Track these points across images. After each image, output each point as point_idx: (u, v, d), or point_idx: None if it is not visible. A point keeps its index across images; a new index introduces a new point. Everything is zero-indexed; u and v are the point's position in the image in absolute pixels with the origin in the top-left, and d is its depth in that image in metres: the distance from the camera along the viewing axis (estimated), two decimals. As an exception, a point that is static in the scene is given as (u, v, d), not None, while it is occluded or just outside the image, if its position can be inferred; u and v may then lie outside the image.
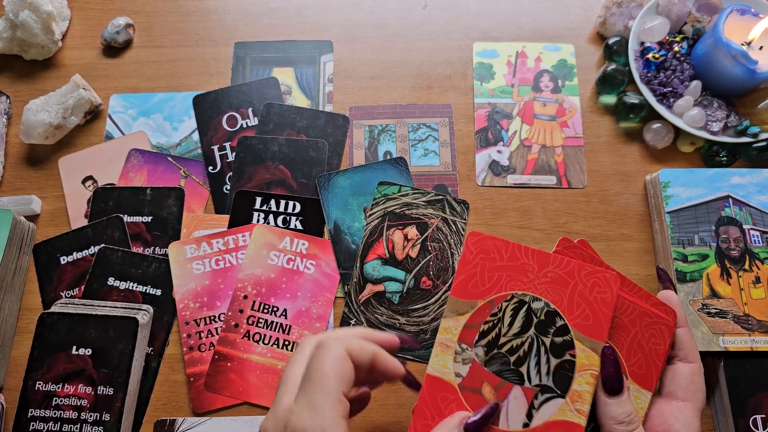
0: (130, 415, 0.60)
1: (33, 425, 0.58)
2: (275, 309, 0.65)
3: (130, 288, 0.66)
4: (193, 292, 0.66)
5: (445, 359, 0.49)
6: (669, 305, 0.49)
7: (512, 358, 0.47)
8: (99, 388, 0.59)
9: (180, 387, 0.64)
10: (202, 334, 0.64)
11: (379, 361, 0.44)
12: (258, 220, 0.69)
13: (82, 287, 0.66)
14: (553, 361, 0.46)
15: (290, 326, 0.65)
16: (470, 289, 0.50)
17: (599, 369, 0.46)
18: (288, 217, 0.69)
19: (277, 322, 0.65)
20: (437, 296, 0.66)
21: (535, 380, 0.46)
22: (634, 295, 0.50)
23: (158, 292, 0.66)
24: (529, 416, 0.45)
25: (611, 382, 0.45)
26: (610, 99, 0.75)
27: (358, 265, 0.67)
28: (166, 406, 0.63)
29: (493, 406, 0.45)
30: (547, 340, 0.47)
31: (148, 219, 0.69)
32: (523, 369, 0.46)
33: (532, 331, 0.47)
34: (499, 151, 0.73)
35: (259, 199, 0.69)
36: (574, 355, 0.46)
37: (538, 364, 0.47)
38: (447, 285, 0.66)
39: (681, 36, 0.74)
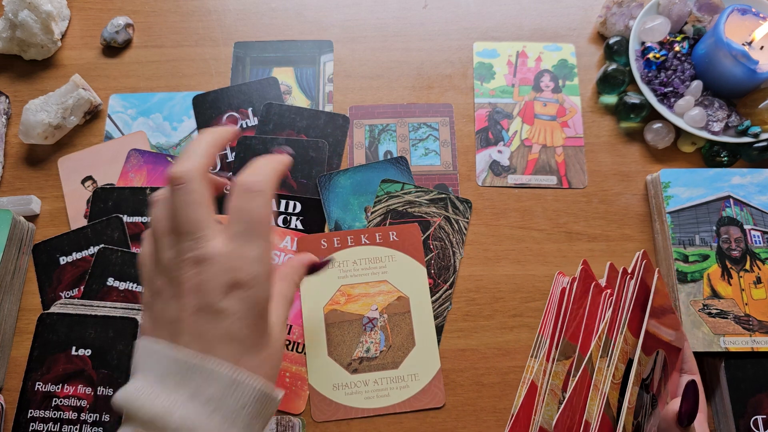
0: (129, 416, 0.60)
1: (33, 426, 0.58)
2: (276, 309, 0.65)
3: (130, 288, 0.66)
4: (193, 292, 0.66)
5: (552, 409, 0.47)
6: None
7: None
8: (99, 388, 0.59)
9: (180, 387, 0.63)
10: (203, 335, 0.64)
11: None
12: (258, 220, 0.69)
13: (82, 287, 0.66)
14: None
15: (291, 326, 0.64)
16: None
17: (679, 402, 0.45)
18: (288, 217, 0.69)
19: (277, 323, 0.65)
20: (437, 295, 0.66)
21: None
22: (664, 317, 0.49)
23: (158, 293, 0.66)
24: None
25: (689, 417, 0.45)
26: (610, 99, 0.75)
27: (358, 265, 0.68)
28: (166, 406, 0.63)
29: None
30: None
31: (148, 219, 0.69)
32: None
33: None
34: (499, 151, 0.73)
35: (259, 199, 0.69)
36: None
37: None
38: (448, 284, 0.66)
39: (682, 36, 0.74)
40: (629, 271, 0.50)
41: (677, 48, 0.72)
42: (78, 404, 0.58)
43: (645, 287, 0.49)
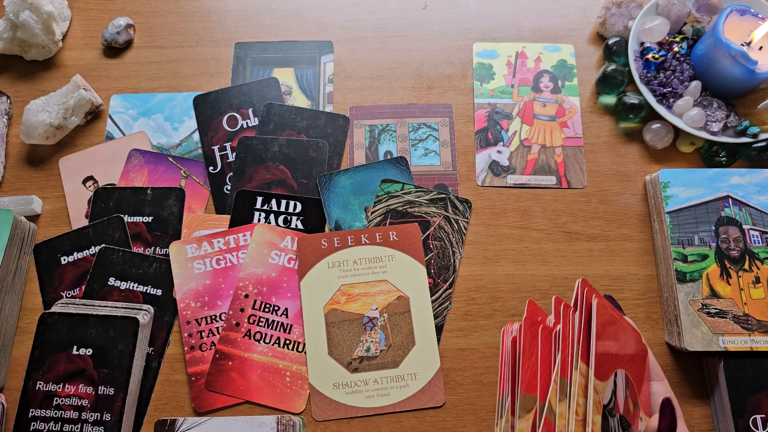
0: (130, 415, 0.60)
1: (34, 425, 0.58)
2: (276, 308, 0.65)
3: (131, 288, 0.66)
4: (194, 291, 0.66)
5: None
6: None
7: None
8: (100, 388, 0.59)
9: (181, 387, 0.64)
10: (203, 334, 0.64)
11: None
12: (259, 220, 0.69)
13: (83, 287, 0.66)
14: None
15: (291, 325, 0.65)
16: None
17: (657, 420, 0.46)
18: (289, 217, 0.69)
19: (278, 321, 0.65)
20: (437, 294, 0.66)
21: None
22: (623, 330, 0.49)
23: (159, 292, 0.66)
24: None
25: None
26: (609, 99, 0.76)
27: (358, 265, 0.68)
28: (166, 406, 0.63)
29: None
30: None
31: (149, 219, 0.69)
32: None
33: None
34: (499, 152, 0.73)
35: (260, 199, 0.70)
36: None
37: None
38: (448, 284, 0.67)
39: (681, 36, 0.74)
40: (572, 304, 0.49)
41: (676, 48, 0.72)
42: (79, 404, 0.58)
43: (590, 315, 0.48)
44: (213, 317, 0.65)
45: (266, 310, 0.65)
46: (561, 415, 0.43)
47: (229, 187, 0.71)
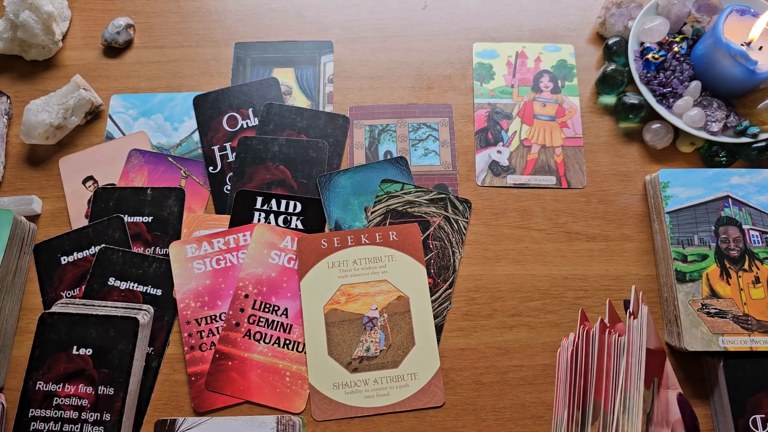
0: (130, 415, 0.60)
1: (34, 425, 0.58)
2: (276, 308, 0.65)
3: (131, 288, 0.66)
4: (194, 291, 0.66)
5: None
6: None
7: None
8: (99, 388, 0.59)
9: (181, 387, 0.64)
10: (203, 334, 0.64)
11: None
12: (259, 220, 0.69)
13: (83, 287, 0.66)
14: None
15: (291, 325, 0.65)
16: None
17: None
18: (289, 217, 0.69)
19: (278, 321, 0.65)
20: (437, 294, 0.66)
21: None
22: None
23: (159, 292, 0.66)
24: None
25: (695, 427, 0.45)
26: (609, 99, 0.76)
27: (358, 265, 0.68)
28: (166, 405, 0.63)
29: None
30: None
31: (149, 219, 0.69)
32: None
33: None
34: (498, 152, 0.73)
35: (260, 199, 0.70)
36: None
37: None
38: (447, 284, 0.67)
39: (681, 36, 0.74)
40: (630, 310, 0.49)
41: (676, 48, 0.72)
42: (79, 403, 0.58)
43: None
44: (213, 317, 0.65)
45: (266, 310, 0.65)
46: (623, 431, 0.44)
47: (229, 187, 0.71)
